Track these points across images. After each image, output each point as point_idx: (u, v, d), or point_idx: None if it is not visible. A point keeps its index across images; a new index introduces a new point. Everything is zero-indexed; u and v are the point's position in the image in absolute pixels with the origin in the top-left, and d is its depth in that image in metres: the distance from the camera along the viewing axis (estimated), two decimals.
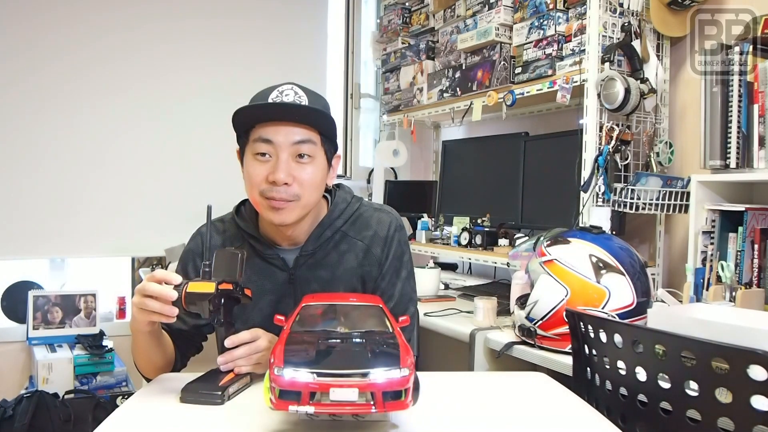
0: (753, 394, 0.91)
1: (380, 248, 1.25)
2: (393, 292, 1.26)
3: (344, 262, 1.23)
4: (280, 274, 1.23)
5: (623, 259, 1.43)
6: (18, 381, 2.55)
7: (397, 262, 1.27)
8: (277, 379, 0.75)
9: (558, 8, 2.00)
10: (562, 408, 0.99)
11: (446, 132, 2.99)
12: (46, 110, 2.62)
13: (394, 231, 1.27)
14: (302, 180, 1.13)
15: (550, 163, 2.18)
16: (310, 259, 1.22)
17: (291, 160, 1.12)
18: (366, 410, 0.75)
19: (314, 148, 1.14)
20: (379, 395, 0.74)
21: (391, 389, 0.75)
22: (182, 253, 1.31)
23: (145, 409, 0.95)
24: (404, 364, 0.76)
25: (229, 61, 2.94)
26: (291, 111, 1.12)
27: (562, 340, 1.42)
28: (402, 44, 2.83)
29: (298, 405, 0.74)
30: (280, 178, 1.10)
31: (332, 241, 1.23)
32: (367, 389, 0.74)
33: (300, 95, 1.14)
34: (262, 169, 1.13)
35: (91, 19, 2.68)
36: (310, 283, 1.22)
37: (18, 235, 2.58)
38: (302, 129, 1.12)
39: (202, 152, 2.88)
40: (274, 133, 1.11)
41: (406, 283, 1.28)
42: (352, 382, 0.74)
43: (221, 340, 1.04)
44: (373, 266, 1.25)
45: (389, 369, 0.75)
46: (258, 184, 1.13)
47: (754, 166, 1.54)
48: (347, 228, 1.25)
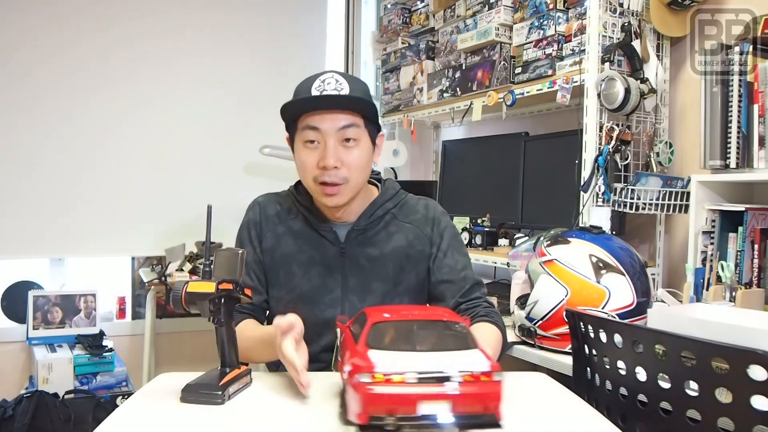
0: (753, 394, 0.91)
1: (430, 227, 1.32)
2: (457, 266, 1.31)
3: (393, 241, 1.30)
4: (331, 247, 1.29)
5: (623, 259, 1.43)
6: (18, 381, 2.55)
7: (454, 240, 1.34)
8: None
9: (558, 8, 2.00)
10: (562, 408, 0.99)
11: (446, 132, 2.99)
12: (46, 110, 2.62)
13: (440, 214, 1.35)
14: (350, 163, 1.21)
15: (550, 163, 2.18)
16: (360, 235, 1.29)
17: (338, 145, 1.20)
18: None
19: (359, 131, 1.21)
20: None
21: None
22: (241, 225, 1.36)
23: (145, 409, 0.95)
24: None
25: (229, 61, 2.94)
26: (333, 101, 1.19)
27: (562, 340, 1.42)
28: (402, 44, 2.83)
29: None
30: (329, 163, 1.18)
31: (383, 220, 1.31)
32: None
33: (341, 82, 1.20)
34: (312, 155, 1.21)
35: (92, 15, 2.68)
36: (359, 260, 1.28)
37: (18, 235, 2.58)
38: (346, 115, 1.19)
39: (202, 152, 2.88)
40: (320, 121, 1.19)
41: (467, 259, 1.35)
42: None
43: (221, 340, 1.04)
44: (424, 245, 1.31)
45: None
46: (310, 170, 1.21)
47: (754, 166, 1.54)
48: (396, 211, 1.33)
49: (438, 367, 0.72)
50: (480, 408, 0.72)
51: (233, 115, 2.93)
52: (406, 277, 1.29)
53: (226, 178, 2.91)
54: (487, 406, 0.72)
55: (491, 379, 0.72)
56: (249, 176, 2.97)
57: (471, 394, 0.71)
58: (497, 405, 0.72)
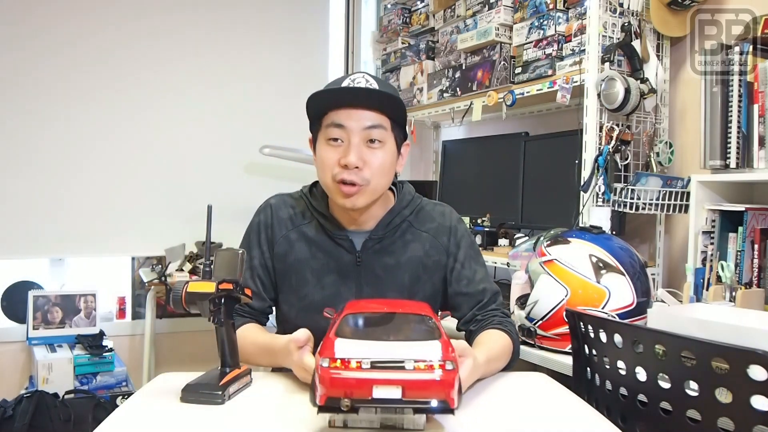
0: (753, 394, 0.91)
1: (446, 237, 1.28)
2: (476, 277, 1.28)
3: (409, 251, 1.26)
4: (347, 255, 1.24)
5: (623, 259, 1.43)
6: (18, 381, 2.55)
7: (471, 250, 1.30)
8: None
9: (558, 8, 2.00)
10: (562, 408, 0.99)
11: (446, 132, 2.99)
12: (46, 110, 2.62)
13: (456, 222, 1.31)
14: (372, 165, 1.16)
15: (550, 163, 2.18)
16: (377, 245, 1.25)
17: (362, 145, 1.15)
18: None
19: (385, 134, 1.17)
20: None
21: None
22: (250, 226, 1.32)
23: (145, 409, 0.95)
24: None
25: (230, 61, 2.94)
26: (362, 95, 1.15)
27: (562, 340, 1.42)
28: (402, 44, 2.83)
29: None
30: (351, 161, 1.13)
31: (399, 229, 1.27)
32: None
33: (370, 82, 1.17)
34: (334, 153, 1.16)
35: (92, 15, 2.68)
36: (375, 269, 1.24)
37: (18, 235, 2.58)
38: (373, 114, 1.15)
39: (202, 152, 2.88)
40: (346, 118, 1.15)
41: (485, 269, 1.32)
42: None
43: (221, 340, 1.04)
44: (441, 255, 1.28)
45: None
46: (330, 167, 1.16)
47: (754, 166, 1.54)
48: (412, 219, 1.28)
49: (393, 355, 0.77)
50: (431, 394, 0.76)
51: (233, 115, 2.93)
52: (421, 287, 1.26)
53: (226, 178, 2.91)
54: (438, 393, 0.76)
55: (444, 368, 0.76)
56: (249, 176, 2.97)
57: (421, 381, 0.76)
58: (449, 392, 0.76)
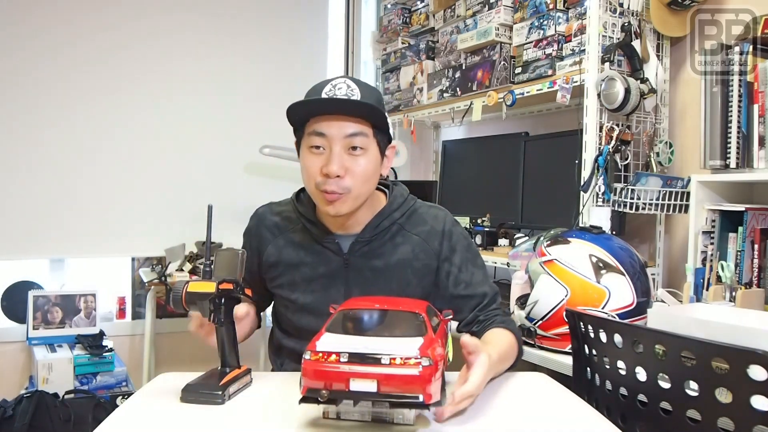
0: (753, 394, 0.91)
1: (438, 241, 1.27)
2: (474, 280, 1.28)
3: (398, 254, 1.26)
4: (335, 258, 1.25)
5: (623, 259, 1.43)
6: (18, 381, 2.55)
7: (468, 253, 1.30)
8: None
9: (558, 8, 2.00)
10: (562, 408, 0.99)
11: (446, 132, 2.99)
12: (46, 110, 2.62)
13: (451, 225, 1.30)
14: (354, 172, 1.16)
15: (550, 163, 2.18)
16: (365, 247, 1.25)
17: (344, 153, 1.15)
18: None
19: (366, 141, 1.17)
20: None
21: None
22: (243, 233, 1.36)
23: (145, 409, 0.95)
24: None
25: (230, 61, 2.94)
26: (342, 105, 1.15)
27: (562, 340, 1.42)
28: (402, 44, 2.83)
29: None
30: (332, 170, 1.14)
31: (389, 232, 1.26)
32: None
33: (352, 88, 1.16)
34: (317, 161, 1.16)
35: (92, 15, 2.68)
36: (363, 271, 1.25)
37: (18, 235, 2.58)
38: (354, 122, 1.15)
39: (202, 152, 2.88)
40: (327, 127, 1.15)
41: (483, 270, 1.31)
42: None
43: (221, 340, 1.04)
44: (430, 259, 1.27)
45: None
46: (313, 176, 1.17)
47: (754, 166, 1.54)
48: (403, 221, 1.28)
49: (371, 350, 0.79)
50: (405, 389, 0.78)
51: (233, 115, 2.93)
52: (411, 290, 1.25)
53: (226, 178, 2.91)
54: (412, 388, 0.78)
55: (420, 364, 0.78)
56: (249, 176, 2.97)
57: (395, 375, 0.78)
58: (424, 387, 0.78)
